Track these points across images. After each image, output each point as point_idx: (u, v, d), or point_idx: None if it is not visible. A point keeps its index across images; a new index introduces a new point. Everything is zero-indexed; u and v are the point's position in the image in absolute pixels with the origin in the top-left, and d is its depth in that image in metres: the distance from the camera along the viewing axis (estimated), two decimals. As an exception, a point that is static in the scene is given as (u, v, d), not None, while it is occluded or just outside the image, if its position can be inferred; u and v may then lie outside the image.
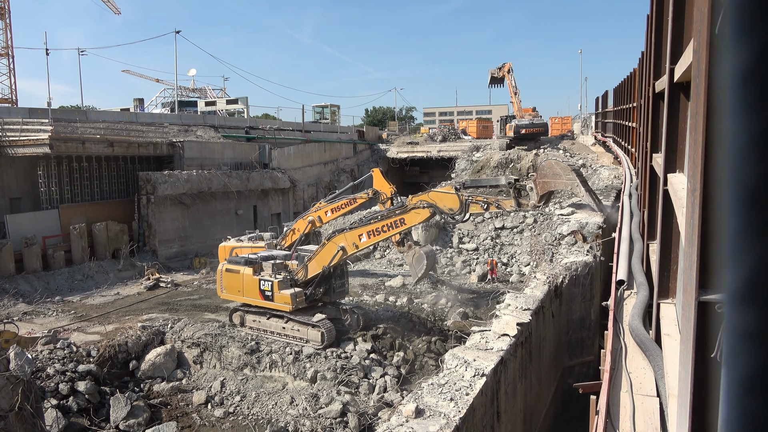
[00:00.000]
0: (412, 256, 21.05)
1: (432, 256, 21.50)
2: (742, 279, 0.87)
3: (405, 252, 21.40)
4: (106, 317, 22.28)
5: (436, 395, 10.74)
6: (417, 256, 20.88)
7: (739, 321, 0.88)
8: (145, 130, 35.99)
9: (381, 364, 17.89)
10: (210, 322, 20.77)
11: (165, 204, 31.71)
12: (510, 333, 13.25)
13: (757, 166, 0.86)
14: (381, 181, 24.17)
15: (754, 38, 0.85)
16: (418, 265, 20.90)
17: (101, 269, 28.55)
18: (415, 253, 20.96)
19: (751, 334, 0.87)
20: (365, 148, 56.42)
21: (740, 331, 0.88)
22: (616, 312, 8.99)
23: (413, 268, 21.29)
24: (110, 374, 18.07)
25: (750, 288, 0.87)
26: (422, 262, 20.72)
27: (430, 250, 21.79)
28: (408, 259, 21.58)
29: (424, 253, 20.82)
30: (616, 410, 6.48)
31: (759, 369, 0.86)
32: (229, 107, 67.50)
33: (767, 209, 0.86)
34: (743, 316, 0.87)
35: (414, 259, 21.02)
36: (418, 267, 20.96)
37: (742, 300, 0.88)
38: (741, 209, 0.87)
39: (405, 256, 21.86)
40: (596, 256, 20.07)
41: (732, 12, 0.86)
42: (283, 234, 24.81)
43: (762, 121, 0.85)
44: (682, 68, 6.50)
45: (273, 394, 17.09)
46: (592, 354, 19.08)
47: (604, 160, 35.41)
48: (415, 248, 21.05)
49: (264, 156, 40.28)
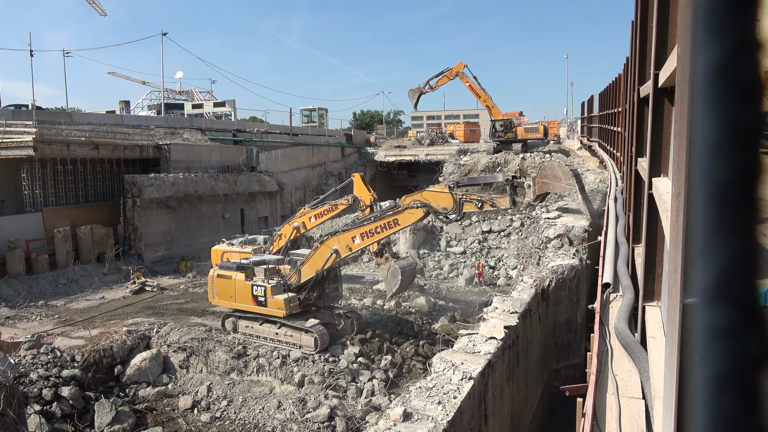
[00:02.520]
0: (387, 269, 20.32)
1: (410, 271, 20.70)
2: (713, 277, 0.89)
3: (381, 264, 20.74)
4: (91, 322, 22.02)
5: (423, 399, 10.74)
6: (392, 270, 20.18)
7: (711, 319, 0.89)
8: (131, 132, 35.70)
9: (369, 368, 17.86)
10: (196, 326, 20.60)
11: (151, 207, 31.44)
12: (497, 336, 13.29)
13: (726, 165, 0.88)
14: (361, 187, 23.66)
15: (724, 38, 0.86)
16: (393, 279, 20.21)
17: (86, 273, 28.22)
18: (390, 267, 20.22)
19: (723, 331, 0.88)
20: (353, 151, 56.41)
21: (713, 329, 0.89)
22: (602, 315, 9.06)
23: (387, 283, 20.58)
24: (95, 379, 17.85)
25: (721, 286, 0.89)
26: (397, 278, 19.99)
27: (408, 264, 20.91)
28: (382, 273, 20.74)
29: (400, 267, 20.02)
30: (602, 412, 6.53)
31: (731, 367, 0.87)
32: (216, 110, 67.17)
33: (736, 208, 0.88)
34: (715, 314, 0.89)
35: (389, 273, 20.29)
36: (392, 282, 20.25)
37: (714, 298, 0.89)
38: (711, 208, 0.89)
39: (380, 269, 21.04)
40: (582, 259, 20.22)
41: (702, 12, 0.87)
42: (271, 239, 24.70)
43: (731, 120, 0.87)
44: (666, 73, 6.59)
45: (260, 398, 16.98)
46: (578, 357, 19.20)
47: (590, 164, 35.71)
48: (390, 261, 20.30)
49: (251, 159, 40.12)
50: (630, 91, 13.42)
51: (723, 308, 0.89)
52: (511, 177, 21.04)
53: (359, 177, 24.21)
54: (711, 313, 0.89)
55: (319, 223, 24.27)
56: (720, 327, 0.89)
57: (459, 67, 39.03)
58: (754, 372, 0.87)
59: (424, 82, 40.28)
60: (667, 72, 6.43)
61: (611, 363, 7.61)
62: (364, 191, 23.61)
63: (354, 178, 24.31)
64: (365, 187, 23.85)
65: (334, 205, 23.62)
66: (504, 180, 21.18)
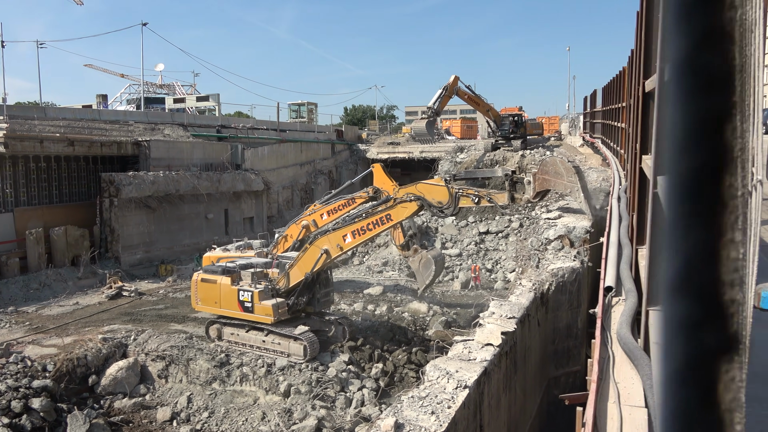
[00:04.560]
0: (418, 261, 20.72)
1: (441, 261, 21.17)
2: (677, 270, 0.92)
3: (410, 257, 21.05)
4: (64, 329, 21.83)
5: (416, 408, 10.69)
6: (424, 261, 20.54)
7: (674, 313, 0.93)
8: (108, 128, 35.47)
9: (359, 377, 17.80)
10: (176, 333, 20.47)
11: (129, 207, 31.24)
12: (494, 342, 13.27)
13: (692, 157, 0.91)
14: (382, 177, 22.80)
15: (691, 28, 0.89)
16: (426, 270, 20.57)
17: (59, 277, 28.00)
18: (422, 258, 20.63)
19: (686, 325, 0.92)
20: (344, 148, 56.35)
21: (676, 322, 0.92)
22: (603, 320, 9.04)
23: (420, 275, 20.93)
24: (68, 390, 17.69)
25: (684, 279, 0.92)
26: (430, 268, 20.41)
27: (438, 254, 21.45)
28: (414, 265, 21.16)
29: (432, 257, 20.49)
30: (603, 422, 6.49)
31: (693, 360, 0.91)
32: (199, 105, 66.88)
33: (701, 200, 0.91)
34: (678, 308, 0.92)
35: (421, 265, 20.66)
36: (425, 273, 20.62)
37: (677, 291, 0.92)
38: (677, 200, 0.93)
39: (411, 262, 21.43)
40: (584, 261, 20.25)
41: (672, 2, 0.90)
42: (274, 242, 23.70)
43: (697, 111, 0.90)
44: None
45: (243, 409, 16.88)
46: (578, 364, 19.21)
47: (593, 162, 35.80)
48: (421, 252, 20.73)
49: (236, 156, 39.96)
50: (635, 85, 13.42)
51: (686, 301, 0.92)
52: (510, 172, 21.08)
53: (380, 167, 23.57)
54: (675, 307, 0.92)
55: (332, 220, 22.69)
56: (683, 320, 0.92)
57: (455, 83, 39.64)
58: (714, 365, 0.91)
59: (428, 108, 40.49)
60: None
61: (613, 370, 7.58)
62: (386, 181, 22.76)
63: (374, 168, 23.71)
64: (387, 177, 23.05)
65: (350, 198, 22.56)
66: (503, 175, 21.22)
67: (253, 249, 23.36)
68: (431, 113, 40.03)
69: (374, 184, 23.20)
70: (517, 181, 21.04)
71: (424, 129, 40.84)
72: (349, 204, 22.57)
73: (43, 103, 55.10)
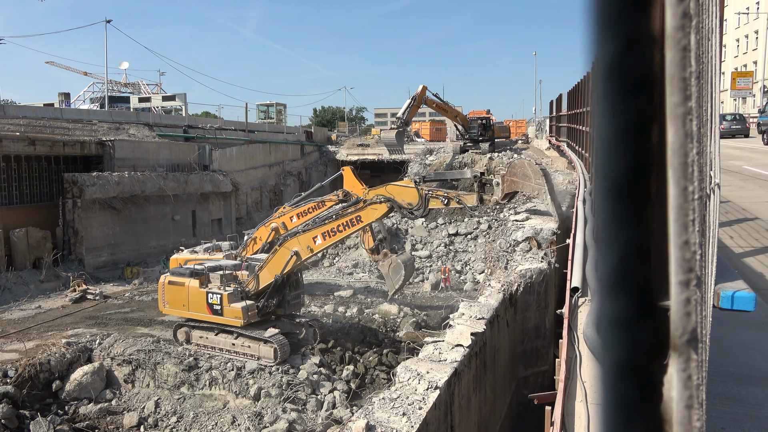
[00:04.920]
0: (388, 265, 20.74)
1: (410, 265, 21.22)
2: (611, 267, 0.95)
3: (380, 261, 21.08)
4: (26, 333, 21.27)
5: (387, 410, 10.77)
6: (394, 265, 20.60)
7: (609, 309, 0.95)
8: (71, 127, 34.66)
9: (330, 379, 17.80)
10: (143, 336, 20.14)
11: (93, 209, 30.58)
12: (464, 343, 13.43)
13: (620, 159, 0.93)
14: (352, 180, 22.87)
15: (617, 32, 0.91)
16: (395, 275, 20.63)
17: (20, 280, 27.24)
18: (391, 263, 20.67)
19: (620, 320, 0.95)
20: (313, 149, 56.15)
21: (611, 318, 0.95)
22: (570, 320, 9.24)
23: (390, 279, 20.98)
24: (30, 396, 17.24)
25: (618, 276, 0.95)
26: (399, 272, 20.47)
27: (408, 258, 21.52)
28: (384, 269, 21.16)
29: (402, 261, 20.55)
30: (570, 420, 6.66)
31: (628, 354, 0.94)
32: (165, 104, 65.78)
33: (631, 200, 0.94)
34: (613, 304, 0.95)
35: (391, 269, 20.69)
36: (395, 278, 20.67)
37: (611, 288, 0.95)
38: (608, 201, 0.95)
39: (380, 266, 21.46)
40: (551, 263, 20.62)
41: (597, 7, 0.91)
42: (243, 244, 23.47)
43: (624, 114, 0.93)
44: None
45: (213, 413, 16.72)
46: (547, 363, 19.57)
47: (558, 165, 36.46)
48: (391, 257, 20.78)
49: (204, 157, 39.45)
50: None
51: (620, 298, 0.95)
52: (479, 174, 21.36)
53: (350, 170, 23.56)
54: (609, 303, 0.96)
55: (302, 223, 22.58)
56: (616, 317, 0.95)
57: (422, 93, 39.87)
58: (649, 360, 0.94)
59: (396, 119, 40.41)
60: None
61: (580, 369, 7.77)
62: (356, 185, 22.79)
63: (344, 171, 23.70)
64: (357, 180, 23.09)
65: (320, 201, 22.56)
66: (472, 176, 21.48)
67: (222, 251, 23.07)
68: (400, 123, 40.06)
69: (344, 187, 23.21)
70: (486, 183, 21.34)
71: (393, 139, 40.82)
72: (319, 207, 22.53)
73: (2, 101, 53.50)
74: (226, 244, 24.33)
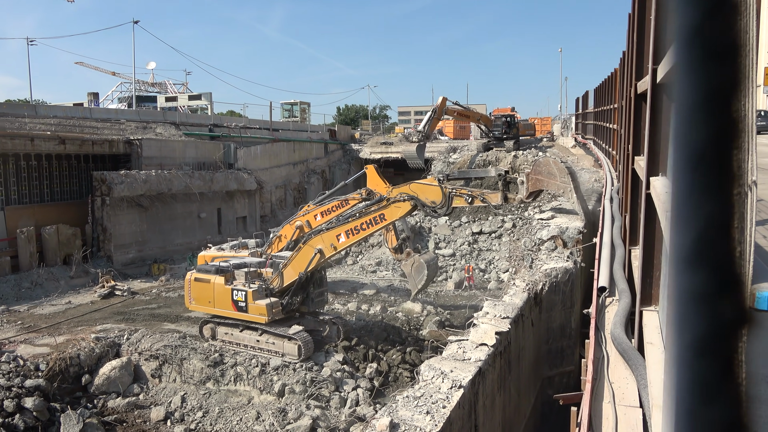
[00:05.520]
0: (411, 265, 20.80)
1: (434, 265, 21.24)
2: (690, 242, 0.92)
3: (403, 260, 21.14)
4: (57, 328, 21.74)
5: (411, 408, 10.75)
6: (417, 265, 20.64)
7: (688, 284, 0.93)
8: (100, 126, 35.29)
9: (353, 377, 17.84)
10: (170, 332, 20.44)
11: (121, 206, 31.11)
12: (488, 342, 13.35)
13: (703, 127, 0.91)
14: (375, 179, 22.94)
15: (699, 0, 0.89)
16: (418, 275, 20.67)
17: (51, 276, 27.85)
18: (414, 262, 20.73)
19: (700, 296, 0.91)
20: (337, 148, 56.30)
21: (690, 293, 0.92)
22: (597, 320, 9.13)
23: (412, 279, 21.04)
24: (60, 390, 17.62)
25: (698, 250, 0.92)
26: (422, 272, 20.51)
27: (431, 258, 21.54)
28: (406, 269, 21.24)
29: (425, 261, 20.57)
30: (598, 422, 6.57)
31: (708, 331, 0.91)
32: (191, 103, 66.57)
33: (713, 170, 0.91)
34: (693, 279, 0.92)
35: (414, 269, 20.74)
36: (418, 277, 20.72)
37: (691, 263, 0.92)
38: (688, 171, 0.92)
39: (403, 266, 21.54)
40: (577, 262, 20.39)
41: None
42: (269, 241, 23.70)
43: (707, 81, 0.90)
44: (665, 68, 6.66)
45: (238, 409, 16.89)
46: (572, 364, 19.35)
47: (585, 163, 36.00)
48: (414, 256, 20.83)
49: (229, 156, 39.86)
50: (626, 86, 13.55)
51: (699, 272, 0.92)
52: (504, 172, 21.21)
53: (373, 168, 23.72)
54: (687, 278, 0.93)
55: (326, 221, 22.64)
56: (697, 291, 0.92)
57: (442, 105, 39.65)
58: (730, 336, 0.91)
59: (418, 132, 40.02)
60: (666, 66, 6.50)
61: (607, 370, 7.67)
62: (380, 183, 22.87)
63: (367, 169, 23.88)
64: (380, 178, 23.16)
65: (344, 200, 22.68)
66: (496, 175, 21.34)
67: (248, 248, 23.34)
68: (421, 137, 39.69)
69: (367, 186, 23.29)
70: (511, 181, 21.19)
71: (414, 153, 40.47)
72: (343, 205, 22.68)
73: (33, 101, 54.69)
74: (253, 241, 24.52)
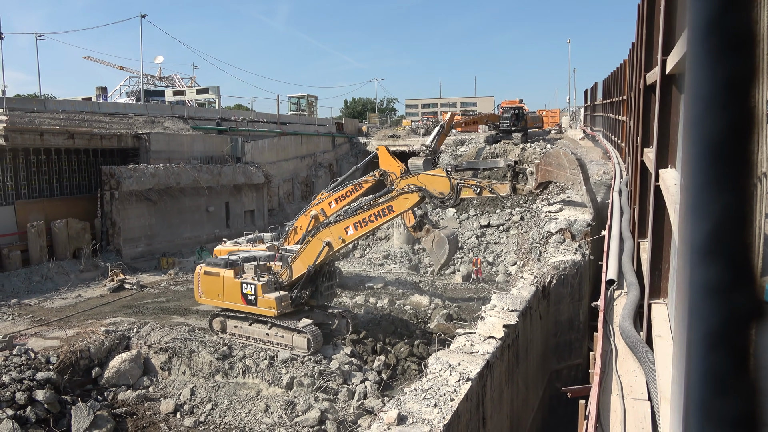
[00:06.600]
0: (431, 240, 20.94)
1: (454, 239, 21.35)
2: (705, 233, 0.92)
3: (423, 237, 21.29)
4: (67, 321, 21.92)
5: (419, 401, 10.78)
6: (437, 240, 20.74)
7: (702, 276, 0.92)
8: (108, 121, 35.45)
9: (361, 369, 17.90)
10: (179, 325, 20.56)
11: (130, 200, 31.29)
12: (496, 335, 13.35)
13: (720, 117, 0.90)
14: (388, 159, 22.76)
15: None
16: (440, 250, 20.77)
17: (61, 270, 28.08)
18: (435, 237, 20.84)
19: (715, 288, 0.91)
20: (344, 141, 56.30)
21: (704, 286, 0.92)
22: (605, 313, 9.11)
23: (434, 255, 21.21)
24: (71, 382, 17.79)
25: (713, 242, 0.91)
26: (444, 247, 20.58)
27: (451, 232, 21.68)
28: (427, 245, 21.45)
29: (445, 236, 20.67)
30: (606, 415, 6.57)
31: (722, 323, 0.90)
32: (199, 97, 66.80)
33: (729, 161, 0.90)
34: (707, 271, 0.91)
35: (434, 244, 20.87)
36: (440, 252, 20.84)
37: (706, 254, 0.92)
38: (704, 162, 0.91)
39: (424, 242, 21.76)
40: (585, 254, 20.31)
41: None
42: (284, 235, 23.59)
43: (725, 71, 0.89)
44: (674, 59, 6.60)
45: (246, 401, 16.99)
46: (581, 357, 19.32)
47: (593, 155, 35.81)
48: (434, 231, 20.91)
49: (236, 149, 39.97)
50: (636, 78, 13.45)
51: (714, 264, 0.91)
52: (513, 162, 21.13)
53: (384, 148, 23.70)
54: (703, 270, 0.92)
55: (341, 207, 22.48)
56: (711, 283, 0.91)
57: (450, 121, 40.25)
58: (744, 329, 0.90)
59: (425, 148, 39.74)
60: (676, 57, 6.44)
61: (615, 363, 7.66)
62: (392, 163, 22.76)
63: (379, 150, 23.85)
64: (392, 158, 23.04)
65: (357, 184, 22.59)
66: (506, 165, 21.29)
67: (264, 242, 23.32)
68: (429, 151, 39.48)
69: (380, 167, 23.21)
70: (520, 172, 21.09)
71: (421, 167, 40.27)
72: (357, 189, 22.54)
73: (42, 96, 54.97)
74: (268, 235, 24.46)
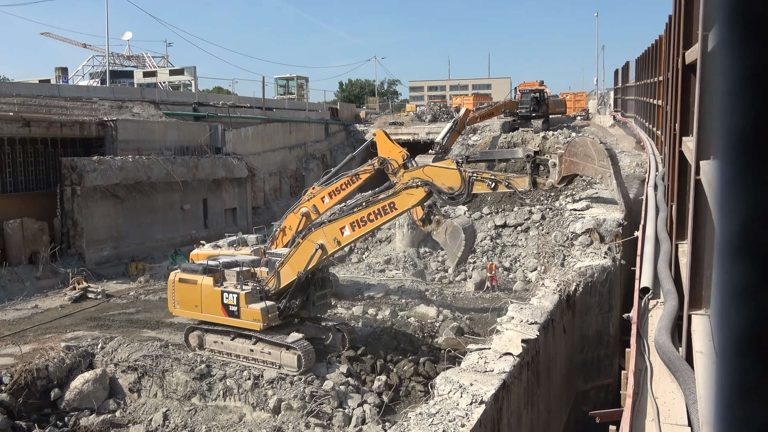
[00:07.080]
0: (444, 232, 20.84)
1: (470, 228, 21.24)
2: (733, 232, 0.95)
3: (434, 230, 21.22)
4: (22, 336, 21.96)
5: (425, 427, 10.78)
6: (451, 230, 20.63)
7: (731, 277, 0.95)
8: (69, 106, 35.49)
9: (359, 391, 17.92)
10: (150, 340, 20.59)
11: (94, 197, 31.31)
12: (513, 352, 13.36)
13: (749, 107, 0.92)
14: (387, 144, 22.70)
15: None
16: (455, 241, 20.65)
17: (15, 277, 28.11)
18: (447, 228, 20.74)
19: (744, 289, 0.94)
20: (339, 129, 56.38)
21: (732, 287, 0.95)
22: (639, 326, 9.11)
23: (450, 248, 21.11)
24: (26, 405, 17.82)
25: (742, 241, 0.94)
26: (459, 237, 20.46)
27: (466, 221, 21.59)
28: (440, 238, 21.37)
29: (459, 225, 20.58)
30: (639, 443, 6.57)
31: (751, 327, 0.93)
32: (173, 79, 66.86)
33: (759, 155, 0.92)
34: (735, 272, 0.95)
35: (448, 236, 20.75)
36: (455, 245, 20.71)
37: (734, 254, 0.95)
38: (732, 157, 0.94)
39: (436, 235, 21.69)
40: (616, 259, 20.32)
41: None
42: (271, 236, 23.52)
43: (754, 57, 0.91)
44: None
45: (227, 427, 17.02)
46: (611, 376, 19.33)
47: (625, 145, 35.83)
48: (445, 222, 20.83)
49: (216, 138, 40.00)
50: (673, 56, 13.45)
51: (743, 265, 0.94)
52: (533, 152, 20.99)
53: (383, 132, 23.67)
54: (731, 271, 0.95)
55: (336, 202, 22.31)
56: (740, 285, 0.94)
57: (465, 117, 40.70)
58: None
59: (436, 144, 39.95)
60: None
61: (651, 383, 7.66)
62: (392, 149, 22.68)
63: (377, 135, 23.80)
64: (392, 143, 22.95)
65: (354, 175, 22.47)
66: (524, 156, 21.19)
67: (248, 245, 23.01)
68: (439, 150, 39.55)
69: (379, 154, 23.02)
70: (540, 164, 21.00)
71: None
72: (354, 181, 22.38)
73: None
74: (254, 237, 24.14)
